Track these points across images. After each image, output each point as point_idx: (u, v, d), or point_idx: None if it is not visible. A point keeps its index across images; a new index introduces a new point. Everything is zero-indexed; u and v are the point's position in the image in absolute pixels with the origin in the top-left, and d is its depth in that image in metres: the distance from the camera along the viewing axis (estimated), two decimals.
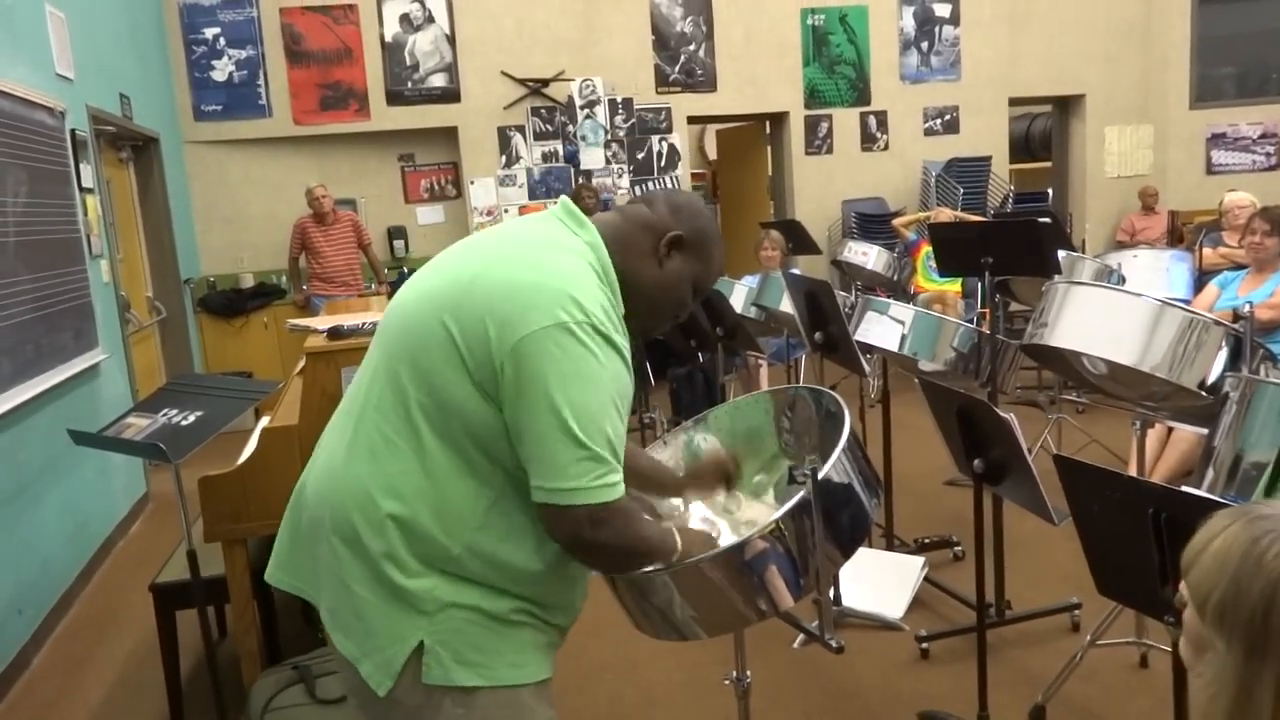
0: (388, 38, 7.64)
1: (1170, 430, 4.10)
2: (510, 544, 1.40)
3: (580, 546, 1.37)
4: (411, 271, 4.69)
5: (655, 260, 1.51)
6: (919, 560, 3.54)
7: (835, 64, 8.40)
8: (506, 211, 7.90)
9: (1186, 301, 4.52)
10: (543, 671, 1.47)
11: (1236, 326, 2.43)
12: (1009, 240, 3.68)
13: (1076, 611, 3.22)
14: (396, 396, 1.40)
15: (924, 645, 3.10)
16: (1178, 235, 8.46)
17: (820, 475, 1.52)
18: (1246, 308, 2.48)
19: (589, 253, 1.44)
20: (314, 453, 1.58)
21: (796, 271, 5.03)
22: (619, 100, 8.03)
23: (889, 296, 4.58)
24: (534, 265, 1.38)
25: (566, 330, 1.32)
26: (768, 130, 9.00)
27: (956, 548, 3.84)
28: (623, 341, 1.39)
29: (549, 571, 1.44)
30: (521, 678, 1.43)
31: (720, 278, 1.64)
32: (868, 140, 8.56)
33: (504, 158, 7.91)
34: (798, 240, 6.61)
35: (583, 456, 1.31)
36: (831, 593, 2.53)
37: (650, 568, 1.48)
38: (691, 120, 8.41)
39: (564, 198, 1.56)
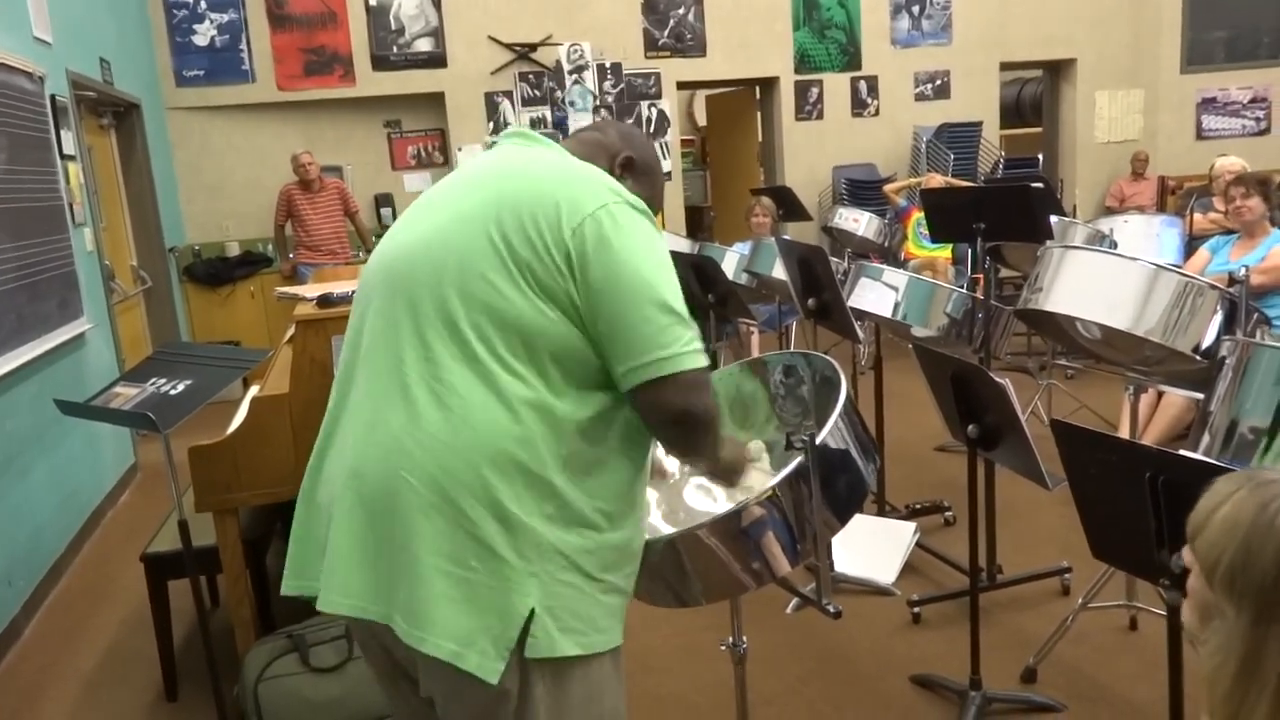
0: (372, 1, 7.52)
1: (1160, 395, 4.12)
2: (596, 472, 1.38)
3: (688, 415, 1.37)
4: None
5: None
6: (910, 525, 3.55)
7: (826, 28, 8.32)
8: None
9: (1178, 267, 4.52)
10: (619, 636, 1.43)
11: (1231, 291, 2.43)
12: (1001, 206, 3.67)
13: (1067, 575, 3.24)
14: (445, 336, 1.34)
15: (916, 610, 3.12)
16: (1165, 200, 8.46)
17: (817, 441, 1.51)
18: (1242, 272, 2.48)
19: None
20: (338, 440, 1.45)
21: (789, 238, 5.00)
22: (607, 65, 7.94)
23: (880, 263, 4.57)
24: (562, 167, 1.43)
25: (625, 205, 1.38)
26: (758, 96, 8.92)
27: (947, 513, 3.86)
28: None
29: (630, 488, 1.44)
30: (608, 643, 1.40)
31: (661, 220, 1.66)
32: (858, 106, 8.50)
33: (491, 124, 7.81)
34: (788, 207, 6.59)
35: (676, 322, 1.34)
36: None
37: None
38: (681, 85, 8.33)
39: (513, 125, 1.56)
